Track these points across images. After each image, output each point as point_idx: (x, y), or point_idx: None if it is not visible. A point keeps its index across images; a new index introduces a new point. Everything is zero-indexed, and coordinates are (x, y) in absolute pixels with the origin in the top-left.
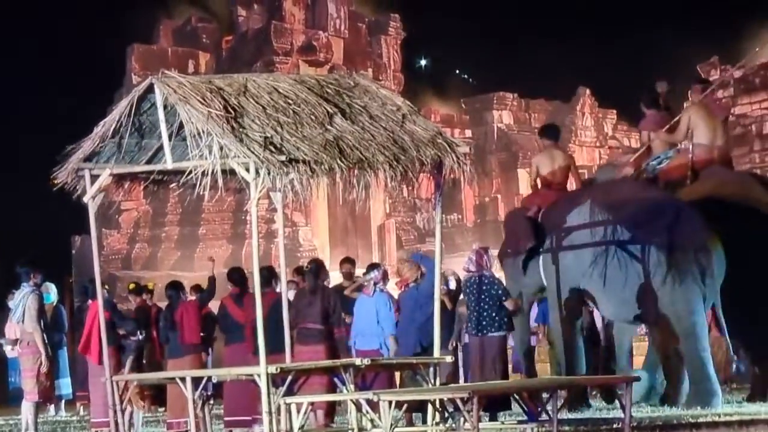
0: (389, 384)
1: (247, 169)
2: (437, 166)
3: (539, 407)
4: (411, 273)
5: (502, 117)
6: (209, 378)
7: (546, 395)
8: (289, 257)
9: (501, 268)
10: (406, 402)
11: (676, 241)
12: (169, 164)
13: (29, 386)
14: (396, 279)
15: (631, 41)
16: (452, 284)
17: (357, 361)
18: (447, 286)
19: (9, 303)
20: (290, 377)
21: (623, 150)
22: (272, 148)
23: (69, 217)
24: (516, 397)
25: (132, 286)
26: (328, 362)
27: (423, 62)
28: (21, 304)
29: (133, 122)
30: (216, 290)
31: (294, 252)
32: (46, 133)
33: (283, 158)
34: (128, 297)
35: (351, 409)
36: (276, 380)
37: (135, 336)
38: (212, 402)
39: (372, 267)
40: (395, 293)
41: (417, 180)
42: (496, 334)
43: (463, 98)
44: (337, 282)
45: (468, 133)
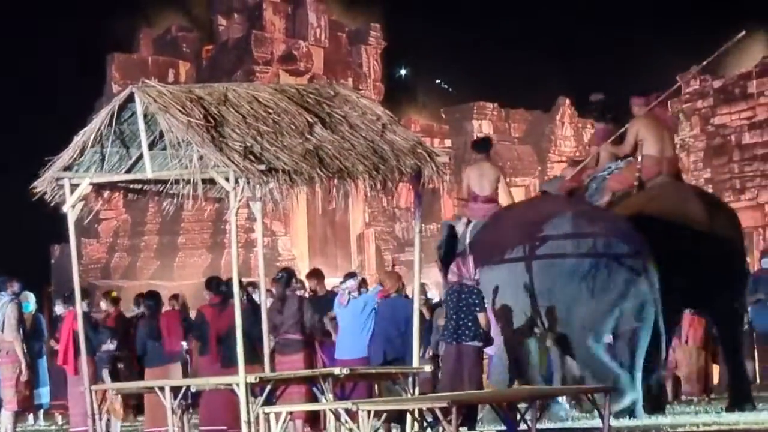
0: (368, 394)
1: (227, 179)
2: (417, 176)
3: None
4: (392, 284)
5: (482, 127)
6: (188, 387)
7: (524, 405)
8: (269, 266)
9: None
10: (385, 412)
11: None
12: (149, 173)
13: (8, 395)
14: (376, 287)
15: (612, 52)
16: (431, 293)
17: (336, 371)
18: (425, 296)
19: None
20: (269, 386)
21: (567, 162)
22: (252, 158)
23: (48, 226)
24: (494, 407)
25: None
26: (308, 371)
27: (403, 72)
28: (0, 314)
29: (114, 131)
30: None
31: (273, 261)
32: (26, 142)
33: (263, 167)
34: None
35: (330, 419)
36: (255, 390)
37: (106, 345)
38: (191, 411)
39: (348, 276)
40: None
41: (396, 189)
42: (471, 344)
43: (443, 108)
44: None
45: (448, 143)
